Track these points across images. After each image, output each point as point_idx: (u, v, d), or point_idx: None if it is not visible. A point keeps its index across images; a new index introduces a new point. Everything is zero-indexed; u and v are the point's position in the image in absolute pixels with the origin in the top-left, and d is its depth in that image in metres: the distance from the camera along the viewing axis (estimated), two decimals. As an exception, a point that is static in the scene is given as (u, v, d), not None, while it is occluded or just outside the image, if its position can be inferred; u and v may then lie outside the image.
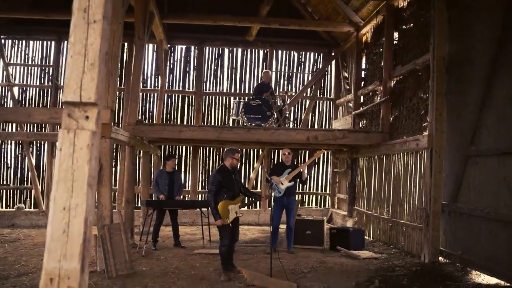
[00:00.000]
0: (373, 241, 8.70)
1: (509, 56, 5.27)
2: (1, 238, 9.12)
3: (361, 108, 9.92)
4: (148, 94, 11.97)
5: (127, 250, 6.09)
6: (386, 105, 8.36)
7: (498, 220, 5.20)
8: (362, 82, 10.23)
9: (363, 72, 10.29)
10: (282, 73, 12.26)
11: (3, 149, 11.61)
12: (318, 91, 12.19)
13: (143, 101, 11.94)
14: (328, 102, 12.30)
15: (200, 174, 11.99)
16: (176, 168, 8.19)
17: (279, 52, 12.20)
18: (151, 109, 11.90)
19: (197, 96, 11.84)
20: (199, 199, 11.78)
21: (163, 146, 11.76)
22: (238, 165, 6.22)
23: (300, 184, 7.68)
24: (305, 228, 7.96)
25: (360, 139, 8.30)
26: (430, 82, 6.63)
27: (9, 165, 11.63)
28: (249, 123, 8.62)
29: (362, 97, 10.21)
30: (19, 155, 11.60)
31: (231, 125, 10.15)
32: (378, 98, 9.01)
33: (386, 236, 8.22)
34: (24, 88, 11.68)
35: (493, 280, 5.30)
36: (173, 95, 12.04)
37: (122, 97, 11.63)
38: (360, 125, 10.06)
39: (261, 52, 12.21)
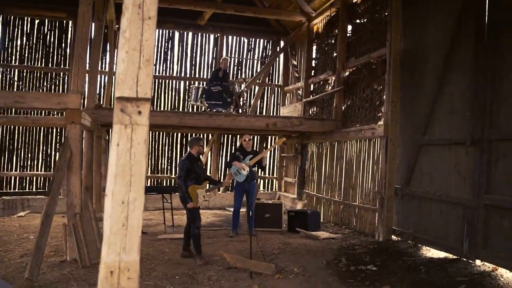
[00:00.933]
0: (324, 222, 9.27)
1: (460, 56, 5.90)
2: None
3: (311, 96, 10.37)
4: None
5: (99, 238, 5.99)
6: (339, 95, 8.86)
7: (448, 202, 5.88)
8: (313, 71, 10.68)
9: (313, 62, 10.72)
10: (233, 59, 12.35)
11: None
12: (267, 77, 12.48)
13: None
14: (276, 88, 12.65)
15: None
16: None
17: (230, 37, 12.28)
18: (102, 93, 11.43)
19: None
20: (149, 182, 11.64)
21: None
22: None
23: (260, 170, 7.94)
24: (264, 212, 8.29)
25: (315, 126, 8.75)
26: (386, 76, 7.18)
27: None
28: (210, 109, 8.68)
29: (312, 86, 10.67)
30: None
31: (192, 110, 10.10)
32: (330, 87, 9.50)
33: (338, 218, 8.81)
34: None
35: (442, 254, 6.01)
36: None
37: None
38: (310, 112, 10.53)
39: (211, 36, 12.19)
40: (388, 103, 7.06)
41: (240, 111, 8.99)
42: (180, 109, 11.86)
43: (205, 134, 12.02)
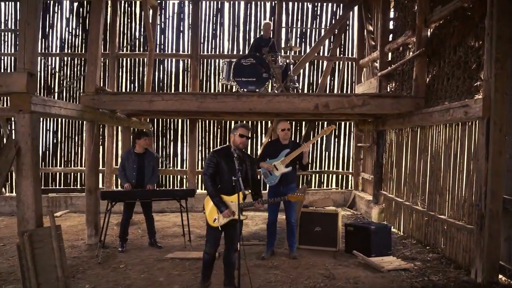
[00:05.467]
0: (403, 236, 6.82)
1: None
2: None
3: (389, 67, 7.83)
4: (138, 60, 10.23)
5: (60, 264, 4.48)
6: (420, 61, 6.29)
7: None
8: (391, 35, 8.10)
9: (391, 23, 8.13)
10: (294, 29, 10.20)
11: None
12: (338, 49, 10.09)
13: (131, 67, 10.25)
14: (350, 62, 10.21)
15: (200, 152, 10.29)
16: (151, 149, 6.44)
17: (290, 4, 10.13)
18: (141, 77, 10.19)
19: (192, 59, 10.00)
20: (197, 180, 10.14)
21: (156, 120, 10.12)
22: (247, 145, 4.40)
23: (301, 170, 5.83)
24: (314, 224, 6.18)
25: (385, 106, 6.30)
26: (486, 21, 4.55)
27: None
28: (241, 89, 6.75)
29: (390, 54, 8.11)
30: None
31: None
32: (411, 53, 6.92)
33: (421, 233, 6.31)
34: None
35: None
36: (166, 60, 10.25)
37: (107, 63, 9.99)
38: (388, 89, 8.01)
39: (267, 4, 10.16)
40: (489, 64, 4.43)
41: (283, 90, 6.88)
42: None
43: (262, 122, 10.12)
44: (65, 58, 10.20)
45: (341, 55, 10.11)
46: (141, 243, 6.57)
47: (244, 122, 9.15)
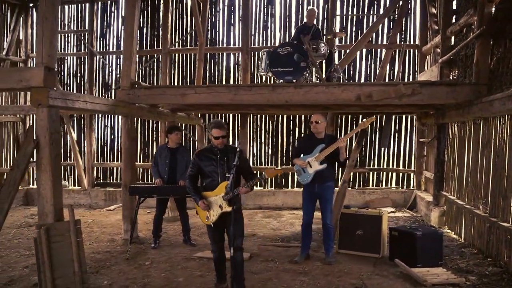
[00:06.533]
0: (463, 244, 5.97)
1: None
2: (25, 221, 8.32)
3: (450, 53, 6.92)
4: (189, 55, 10.20)
5: (78, 258, 4.44)
6: (482, 42, 5.41)
7: None
8: (454, 17, 7.17)
9: (454, 2, 7.20)
10: (350, 17, 9.51)
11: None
12: (398, 36, 9.22)
13: (183, 63, 10.25)
14: (411, 50, 9.30)
15: (251, 147, 10.02)
16: (184, 144, 6.29)
17: (344, -11, 9.47)
18: (192, 72, 10.14)
19: (243, 52, 9.74)
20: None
21: (207, 115, 10.02)
22: (225, 143, 4.14)
23: (339, 167, 5.30)
24: (356, 226, 5.60)
25: (439, 95, 5.51)
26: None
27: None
28: (278, 80, 6.32)
29: (453, 38, 7.19)
30: (61, 129, 10.80)
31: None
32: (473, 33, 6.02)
33: (482, 242, 5.46)
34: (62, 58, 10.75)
35: None
36: (216, 54, 10.10)
37: (160, 59, 10.10)
38: (451, 77, 7.11)
39: (321, -9, 9.59)
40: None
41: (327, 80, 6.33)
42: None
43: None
44: (121, 56, 10.46)
45: (402, 42, 9.23)
46: (176, 240, 6.44)
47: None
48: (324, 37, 8.05)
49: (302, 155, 5.27)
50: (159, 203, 6.08)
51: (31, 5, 10.65)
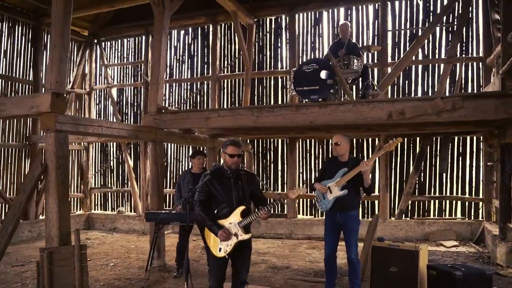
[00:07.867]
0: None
1: None
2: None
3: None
4: (237, 80, 10.15)
5: (80, 284, 4.35)
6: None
7: None
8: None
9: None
10: (403, 32, 8.82)
11: (108, 151, 11.46)
12: (458, 47, 8.33)
13: (231, 88, 10.21)
14: (473, 63, 8.33)
15: (301, 174, 9.56)
16: (207, 168, 6.07)
17: (396, 3, 8.82)
18: (240, 97, 10.03)
19: (290, 75, 9.44)
20: (297, 204, 9.42)
21: (256, 140, 9.81)
22: (239, 164, 3.80)
23: (364, 194, 4.69)
24: (389, 262, 4.90)
25: (487, 109, 4.71)
26: None
27: (112, 168, 11.42)
28: (303, 100, 5.90)
29: (515, 45, 6.24)
30: (120, 156, 11.26)
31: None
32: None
33: (549, 286, 4.46)
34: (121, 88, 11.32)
35: None
36: (263, 78, 9.91)
37: (209, 85, 10.17)
38: (514, 90, 6.14)
39: (370, 7, 9.04)
40: None
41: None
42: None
43: (369, 139, 8.90)
44: (173, 84, 10.72)
45: (463, 55, 8.31)
46: (204, 270, 6.16)
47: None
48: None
49: (324, 180, 4.78)
50: (182, 230, 5.88)
51: (95, 41, 11.40)
